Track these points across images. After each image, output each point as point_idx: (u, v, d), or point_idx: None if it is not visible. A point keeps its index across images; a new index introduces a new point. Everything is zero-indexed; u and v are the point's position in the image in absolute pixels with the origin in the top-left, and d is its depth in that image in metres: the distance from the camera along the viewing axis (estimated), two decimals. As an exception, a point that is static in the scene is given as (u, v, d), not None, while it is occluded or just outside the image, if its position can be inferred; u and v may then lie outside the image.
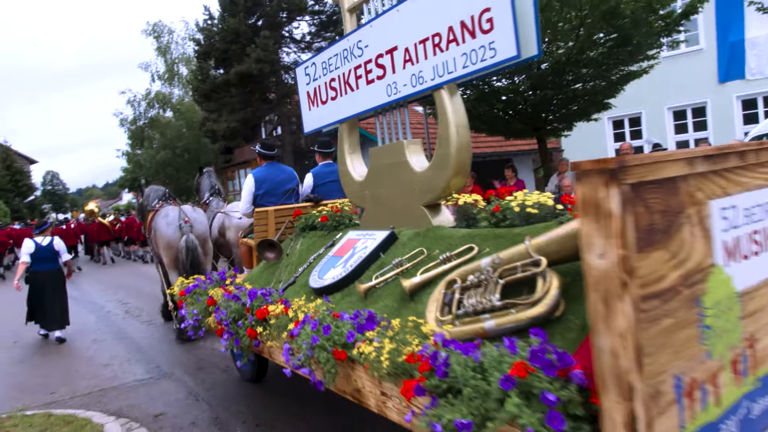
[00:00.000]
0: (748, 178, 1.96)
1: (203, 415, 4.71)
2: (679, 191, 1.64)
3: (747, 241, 1.93)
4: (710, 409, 1.64)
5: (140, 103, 34.56)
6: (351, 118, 4.38)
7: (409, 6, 3.55)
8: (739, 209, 1.92)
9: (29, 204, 47.46)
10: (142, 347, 7.27)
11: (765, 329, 1.96)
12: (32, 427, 4.40)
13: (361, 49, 4.06)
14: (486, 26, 3.06)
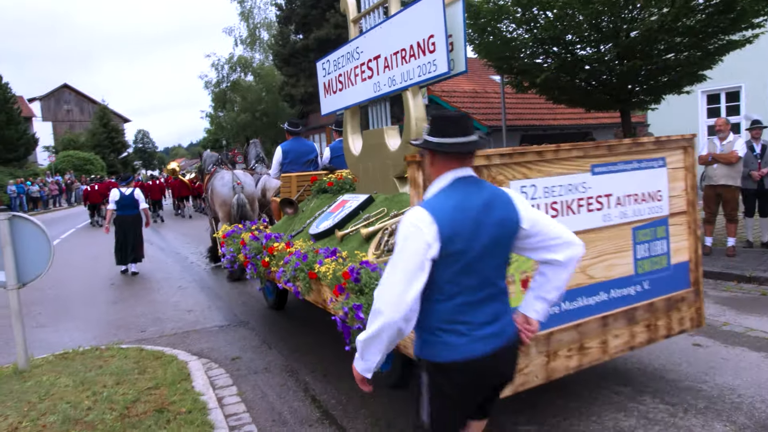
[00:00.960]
0: (549, 167, 3.27)
1: (276, 361, 5.05)
2: (482, 174, 2.89)
3: (545, 208, 3.24)
4: None
5: (223, 67, 35.83)
6: (352, 106, 5.51)
7: (387, 25, 4.63)
8: (538, 187, 3.22)
9: (123, 160, 51.04)
10: (221, 296, 7.80)
11: None
12: (127, 359, 4.91)
13: (359, 53, 5.13)
14: (431, 48, 4.09)
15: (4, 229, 4.58)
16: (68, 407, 3.87)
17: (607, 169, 3.60)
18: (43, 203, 28.89)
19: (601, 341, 3.54)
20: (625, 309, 3.65)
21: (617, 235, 3.64)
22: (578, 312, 3.43)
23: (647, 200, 3.81)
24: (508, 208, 2.14)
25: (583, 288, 3.46)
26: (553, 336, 3.29)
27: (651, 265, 3.81)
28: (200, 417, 3.64)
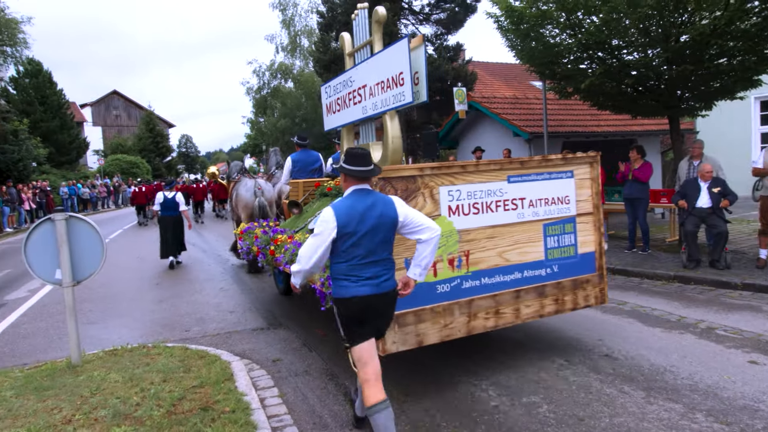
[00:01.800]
0: (471, 177, 4.34)
1: (315, 365, 5.09)
2: (416, 181, 4.01)
3: (468, 207, 4.34)
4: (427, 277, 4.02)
5: (264, 74, 36.58)
6: (347, 125, 6.56)
7: (371, 61, 5.60)
8: (462, 191, 4.29)
9: (167, 164, 52.63)
10: (261, 299, 7.92)
11: (477, 249, 4.38)
12: (172, 357, 5.04)
13: (351, 82, 6.16)
14: (400, 81, 5.02)
15: (61, 228, 4.78)
16: (118, 402, 3.99)
17: (521, 178, 4.69)
18: (93, 205, 30.05)
19: (514, 309, 4.65)
20: (535, 286, 4.75)
21: (530, 229, 4.75)
22: (495, 286, 4.56)
23: (557, 203, 4.90)
24: (388, 208, 3.29)
25: (500, 268, 4.60)
26: (473, 302, 4.44)
27: (560, 253, 4.90)
28: (243, 417, 3.70)
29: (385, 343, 4.04)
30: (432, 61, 17.42)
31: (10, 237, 18.88)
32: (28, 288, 9.58)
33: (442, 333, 4.30)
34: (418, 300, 4.13)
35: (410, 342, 4.20)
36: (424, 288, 4.19)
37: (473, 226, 4.46)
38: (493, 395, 4.19)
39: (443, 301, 4.32)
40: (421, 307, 4.18)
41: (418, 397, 4.24)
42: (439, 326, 4.33)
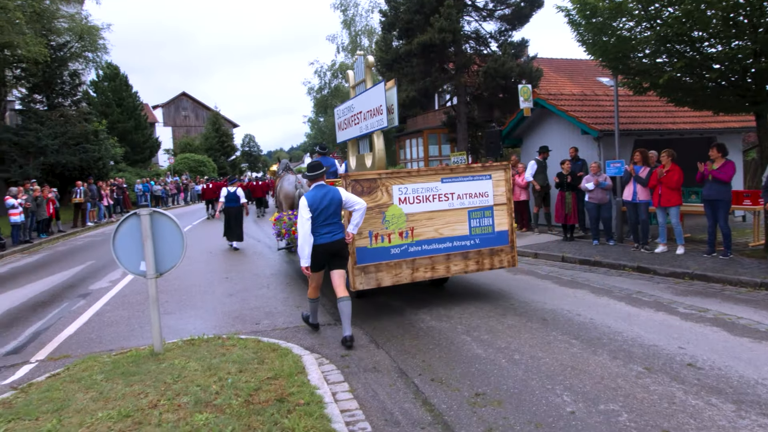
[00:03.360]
0: (414, 179, 6.69)
1: (384, 362, 5.12)
2: (376, 181, 6.46)
3: (412, 198, 6.64)
4: (384, 243, 6.50)
5: (325, 74, 37.31)
6: (351, 139, 9.90)
7: (363, 95, 8.66)
8: (409, 188, 6.62)
9: (231, 162, 54.54)
10: (327, 294, 8.03)
11: (419, 226, 6.68)
12: (246, 349, 5.20)
13: (353, 108, 9.28)
14: (380, 111, 8.08)
15: (145, 223, 5.04)
16: (198, 390, 4.16)
17: (451, 180, 6.92)
18: (164, 201, 31.57)
19: (446, 266, 6.89)
20: (462, 252, 6.97)
21: (458, 214, 6.96)
22: (432, 251, 6.81)
23: (478, 197, 7.07)
24: (336, 193, 5.69)
25: (435, 239, 6.84)
26: (416, 261, 6.70)
27: (480, 230, 7.09)
28: (318, 410, 3.76)
29: (354, 283, 6.39)
30: (495, 59, 17.17)
31: (91, 231, 20.15)
32: (110, 279, 10.18)
33: (393, 279, 6.61)
34: (378, 258, 6.53)
35: (372, 284, 6.52)
36: (382, 251, 6.55)
37: (416, 211, 6.76)
38: (568, 400, 4.06)
39: (395, 259, 6.62)
40: (380, 262, 6.54)
41: (498, 404, 4.17)
42: (392, 275, 6.60)
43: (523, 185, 13.38)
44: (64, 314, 7.67)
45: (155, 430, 3.55)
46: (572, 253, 10.06)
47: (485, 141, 14.87)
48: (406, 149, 32.46)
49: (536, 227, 13.49)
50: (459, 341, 5.57)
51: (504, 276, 8.79)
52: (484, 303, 7.07)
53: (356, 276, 6.38)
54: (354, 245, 6.34)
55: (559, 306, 6.75)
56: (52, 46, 23.72)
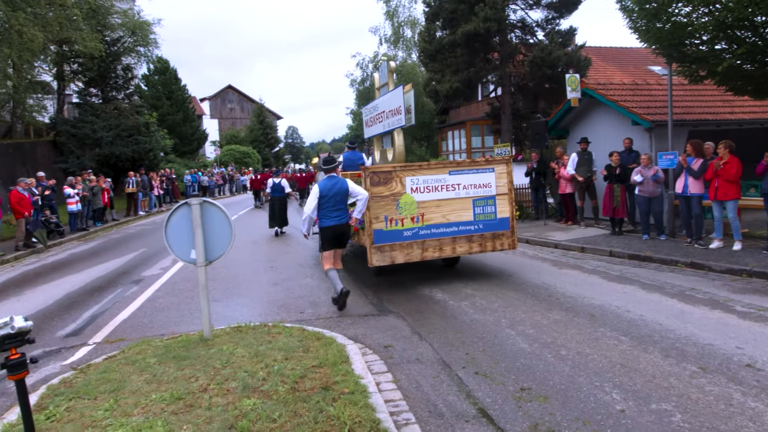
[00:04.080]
0: (425, 172, 7.68)
1: (427, 353, 5.11)
2: (391, 174, 7.52)
3: (423, 188, 7.62)
4: (398, 227, 7.51)
5: (368, 65, 37.29)
6: (375, 135, 10.93)
7: (386, 96, 9.58)
8: (420, 179, 7.61)
9: (275, 154, 55.47)
10: (369, 285, 8.11)
11: (428, 212, 7.65)
12: (291, 337, 5.30)
13: (377, 108, 10.30)
14: (399, 111, 8.96)
15: (196, 213, 5.18)
16: (246, 376, 4.27)
17: (457, 172, 7.84)
18: (210, 192, 32.43)
19: (452, 247, 7.80)
20: (466, 235, 7.85)
21: (463, 202, 7.84)
22: (440, 234, 7.74)
23: (482, 187, 7.93)
24: (343, 184, 6.83)
25: (443, 224, 7.74)
26: (425, 242, 7.64)
27: (484, 216, 7.94)
28: (362, 399, 3.79)
29: (371, 260, 7.48)
30: (542, 48, 16.76)
31: (142, 220, 20.93)
32: (161, 266, 10.56)
33: (405, 258, 7.63)
34: (392, 239, 7.55)
35: (386, 261, 7.55)
36: (396, 233, 7.56)
37: (426, 199, 7.72)
38: (618, 398, 3.95)
39: (407, 240, 7.63)
40: (393, 243, 7.57)
41: (544, 400, 4.11)
42: (404, 254, 7.61)
43: (568, 178, 13.05)
44: (119, 299, 8.01)
45: (206, 413, 3.66)
46: (621, 247, 9.75)
47: (531, 132, 14.57)
48: (448, 141, 32.20)
49: (582, 221, 13.15)
50: (503, 335, 5.50)
51: (549, 270, 8.61)
52: (528, 297, 6.95)
53: (373, 254, 7.46)
54: (371, 228, 7.41)
55: (607, 302, 6.57)
56: (106, 41, 24.66)
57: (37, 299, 8.28)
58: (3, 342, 2.53)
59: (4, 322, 2.54)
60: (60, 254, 13.12)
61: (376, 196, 7.47)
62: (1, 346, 2.54)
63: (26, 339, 2.62)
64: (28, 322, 2.60)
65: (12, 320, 2.55)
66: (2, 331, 2.53)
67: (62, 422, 3.69)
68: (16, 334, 2.56)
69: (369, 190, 7.35)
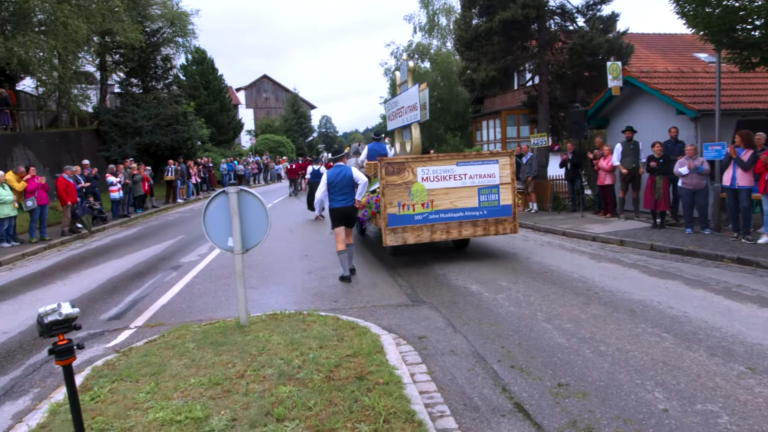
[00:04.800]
0: (435, 163, 8.54)
1: (461, 346, 5.06)
2: (404, 164, 8.40)
3: (432, 177, 8.47)
4: (409, 212, 8.42)
5: (402, 54, 36.92)
6: (395, 129, 12.76)
7: (406, 93, 11.18)
8: (430, 169, 8.46)
9: (309, 143, 55.90)
10: (402, 275, 8.09)
11: (437, 199, 8.50)
12: (326, 326, 5.33)
13: (397, 103, 12.12)
14: (415, 108, 10.55)
15: (233, 201, 5.24)
16: (282, 363, 4.31)
17: (464, 163, 8.62)
18: (246, 180, 32.92)
19: (458, 231, 8.63)
20: (471, 220, 8.66)
21: (469, 190, 8.63)
22: (447, 218, 8.55)
23: (486, 177, 8.69)
24: (348, 171, 7.84)
25: (451, 209, 8.55)
26: (434, 226, 8.49)
27: (488, 203, 8.71)
28: (397, 390, 3.78)
29: (385, 240, 8.44)
30: (582, 35, 16.26)
31: (181, 207, 21.42)
32: (198, 252, 10.78)
33: (416, 239, 8.55)
34: (404, 222, 8.46)
35: (399, 241, 8.49)
36: (407, 217, 8.46)
37: (436, 187, 8.55)
38: (660, 397, 3.83)
39: (418, 224, 8.52)
40: (405, 225, 8.48)
41: (583, 396, 4.02)
42: (415, 235, 8.51)
43: (608, 169, 12.69)
44: (159, 284, 8.22)
45: (243, 399, 3.72)
46: (662, 241, 9.45)
47: (569, 122, 14.21)
48: (482, 131, 31.74)
49: (622, 213, 12.80)
50: (539, 329, 5.41)
51: (587, 263, 8.42)
52: (565, 291, 6.81)
53: (387, 235, 8.44)
54: (386, 212, 8.39)
55: (648, 297, 6.37)
56: (146, 32, 25.17)
57: (81, 283, 8.58)
58: (51, 328, 2.58)
59: (51, 308, 2.59)
60: (103, 240, 13.55)
61: (390, 184, 8.37)
62: (49, 332, 2.59)
63: (73, 325, 2.66)
64: (74, 309, 2.64)
65: (59, 307, 2.60)
66: (50, 317, 2.57)
67: (106, 403, 3.81)
68: (63, 321, 2.60)
69: (384, 179, 8.34)
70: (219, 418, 3.46)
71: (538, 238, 11.16)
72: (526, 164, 15.23)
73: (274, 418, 3.44)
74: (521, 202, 15.76)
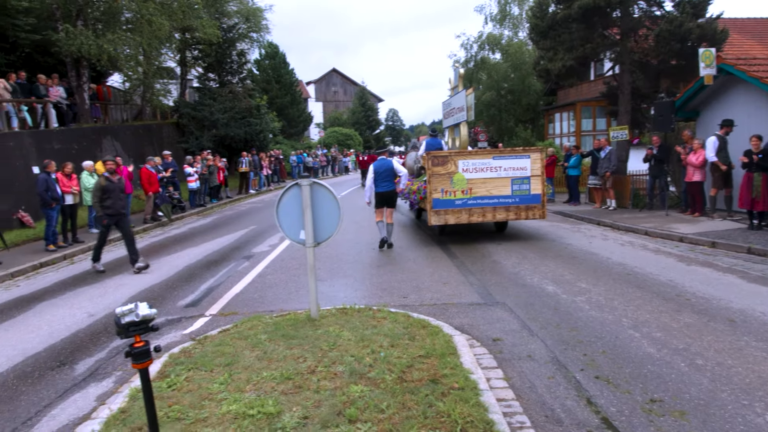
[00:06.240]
0: (474, 157, 10.27)
1: (539, 351, 4.77)
2: (447, 157, 10.14)
3: (471, 169, 10.10)
4: (451, 197, 10.12)
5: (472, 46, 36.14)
6: (448, 126, 15.81)
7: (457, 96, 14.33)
8: (469, 162, 10.12)
9: (375, 136, 56.12)
10: (474, 272, 7.82)
11: (475, 187, 10.12)
12: (396, 323, 5.19)
13: (450, 104, 15.27)
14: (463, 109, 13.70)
15: (306, 193, 5.20)
16: (353, 360, 4.22)
17: (500, 158, 10.09)
18: (314, 172, 33.48)
19: (492, 214, 10.15)
20: (504, 206, 10.10)
21: (503, 181, 10.03)
22: (483, 204, 10.08)
23: (519, 170, 10.06)
24: (390, 164, 10.06)
25: (487, 196, 10.04)
26: (472, 210, 10.06)
27: (520, 192, 10.08)
28: (473, 397, 3.58)
29: (430, 220, 10.04)
30: (670, 20, 15.15)
31: (253, 198, 22.06)
32: (269, 243, 10.98)
33: (455, 220, 10.02)
34: (446, 206, 9.98)
35: (441, 221, 10.02)
36: (449, 202, 9.95)
37: (474, 177, 9.98)
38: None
39: (457, 208, 10.00)
40: (447, 209, 10.01)
41: (681, 416, 3.66)
42: (455, 217, 9.99)
43: (698, 164, 11.75)
44: (232, 273, 8.41)
45: (314, 396, 3.65)
46: (762, 244, 8.61)
47: (654, 114, 13.28)
48: (555, 123, 30.53)
49: (713, 212, 11.82)
50: (625, 336, 5.01)
51: (675, 266, 7.80)
52: (652, 295, 6.31)
53: (432, 216, 10.05)
54: (431, 197, 9.98)
55: (749, 306, 5.78)
56: (223, 27, 26.01)
57: (161, 269, 8.93)
58: (128, 329, 2.53)
59: (129, 309, 2.54)
60: (181, 228, 14.14)
61: (435, 174, 9.97)
62: (126, 332, 2.54)
63: (150, 326, 2.59)
64: (152, 310, 2.58)
65: (137, 307, 2.55)
66: (127, 317, 2.53)
67: (182, 391, 3.86)
68: (140, 322, 2.54)
69: (430, 170, 9.95)
70: (291, 414, 3.40)
71: (618, 237, 10.51)
72: (604, 159, 14.43)
73: (345, 418, 3.34)
74: (597, 199, 14.98)
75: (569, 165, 16.26)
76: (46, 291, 7.99)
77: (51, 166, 10.86)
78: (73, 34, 16.42)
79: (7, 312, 6.96)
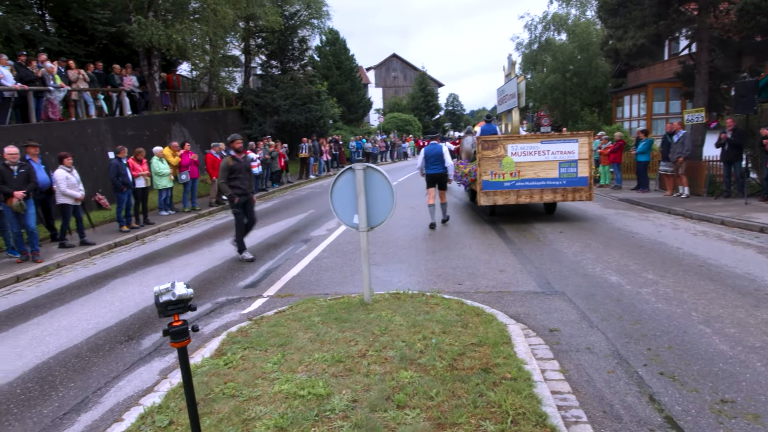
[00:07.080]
0: (522, 141, 10.79)
1: (599, 343, 4.57)
2: (497, 142, 10.74)
3: (520, 152, 10.62)
4: (500, 179, 10.73)
5: (536, 27, 34.83)
6: (502, 112, 15.80)
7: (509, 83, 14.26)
8: (518, 146, 10.65)
9: (435, 121, 55.59)
10: (532, 260, 7.60)
11: (523, 170, 10.64)
12: (449, 310, 5.12)
13: (503, 91, 15.23)
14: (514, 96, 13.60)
15: (359, 178, 5.19)
16: (404, 346, 4.19)
17: (548, 142, 10.64)
18: (373, 158, 33.61)
19: (540, 196, 10.71)
20: (551, 188, 10.64)
21: (551, 164, 10.55)
22: (531, 186, 10.65)
23: (566, 153, 10.55)
24: (440, 148, 10.61)
25: (534, 179, 10.61)
26: (520, 191, 10.65)
27: (567, 174, 10.58)
28: (527, 388, 3.47)
29: (480, 200, 10.72)
30: (758, -9, 13.97)
31: (312, 183, 22.45)
32: (327, 227, 11.14)
33: (504, 201, 10.63)
34: (495, 187, 10.59)
35: (490, 202, 10.68)
36: (498, 183, 10.56)
37: (523, 161, 10.52)
38: None
39: (506, 189, 10.59)
40: (496, 190, 10.62)
41: (754, 419, 3.41)
42: (503, 198, 10.60)
43: (785, 149, 10.82)
44: (290, 256, 8.59)
45: (364, 380, 3.66)
46: None
47: (735, 94, 12.34)
48: (624, 107, 29.03)
49: (799, 201, 10.88)
50: (695, 332, 4.71)
51: (754, 258, 7.25)
52: (725, 289, 5.90)
53: (481, 197, 10.69)
54: (481, 179, 10.60)
55: (839, 304, 5.28)
56: (284, 15, 26.42)
57: (224, 250, 9.26)
58: (166, 308, 2.58)
59: (165, 288, 2.60)
60: (243, 212, 14.58)
61: (485, 157, 10.55)
62: (165, 311, 2.59)
63: (188, 306, 2.62)
64: (188, 290, 2.60)
65: (173, 287, 2.59)
66: (164, 297, 2.58)
67: (237, 369, 3.97)
68: (177, 301, 2.58)
69: (480, 153, 10.55)
70: (340, 397, 3.42)
71: (690, 227, 9.89)
72: (677, 143, 13.58)
73: (394, 403, 3.33)
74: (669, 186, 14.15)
75: (637, 150, 15.44)
76: (119, 269, 8.47)
77: (123, 152, 11.44)
78: (144, 25, 17.17)
79: (84, 288, 7.44)
